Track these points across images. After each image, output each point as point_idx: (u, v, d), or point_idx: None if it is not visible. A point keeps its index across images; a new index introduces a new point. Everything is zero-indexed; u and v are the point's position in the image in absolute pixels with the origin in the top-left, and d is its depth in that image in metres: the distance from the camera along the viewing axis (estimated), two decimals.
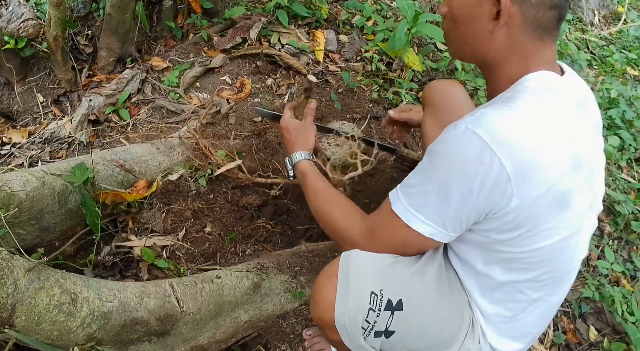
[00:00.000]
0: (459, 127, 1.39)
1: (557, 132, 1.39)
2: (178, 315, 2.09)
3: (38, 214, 2.21)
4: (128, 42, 3.28)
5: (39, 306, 1.75)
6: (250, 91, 3.14)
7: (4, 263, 1.71)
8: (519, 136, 1.34)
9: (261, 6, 3.72)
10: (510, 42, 1.47)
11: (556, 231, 1.47)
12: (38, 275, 1.79)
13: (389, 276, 1.62)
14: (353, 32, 3.75)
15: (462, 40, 1.58)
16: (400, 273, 1.64)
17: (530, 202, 1.38)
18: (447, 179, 1.41)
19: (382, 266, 1.64)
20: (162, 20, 3.46)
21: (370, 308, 1.59)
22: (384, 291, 1.59)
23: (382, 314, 1.59)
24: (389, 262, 1.65)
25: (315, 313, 1.70)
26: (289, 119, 2.21)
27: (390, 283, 1.61)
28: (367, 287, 1.60)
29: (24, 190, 2.14)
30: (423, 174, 1.50)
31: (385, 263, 1.65)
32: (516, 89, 1.45)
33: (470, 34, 1.54)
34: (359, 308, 1.59)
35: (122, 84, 3.07)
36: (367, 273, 1.61)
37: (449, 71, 3.78)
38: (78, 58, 3.33)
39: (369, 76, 3.49)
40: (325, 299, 1.64)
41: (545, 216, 1.43)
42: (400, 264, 1.66)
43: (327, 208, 1.87)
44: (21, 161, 2.79)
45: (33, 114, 3.20)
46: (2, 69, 3.17)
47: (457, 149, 1.38)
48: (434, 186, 1.45)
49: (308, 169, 2.05)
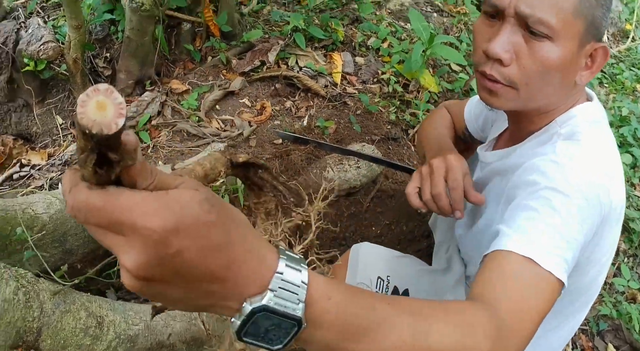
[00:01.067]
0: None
1: (618, 163, 1.38)
2: (204, 338, 2.09)
3: (61, 237, 2.21)
4: (147, 64, 3.29)
5: (65, 329, 1.75)
6: (270, 114, 3.15)
7: (30, 286, 1.72)
8: (605, 175, 1.31)
9: (278, 29, 3.74)
10: (579, 87, 1.43)
11: (607, 259, 1.45)
12: (64, 299, 1.79)
13: (397, 266, 1.63)
14: (369, 54, 3.76)
15: (546, 89, 1.39)
16: (408, 267, 1.63)
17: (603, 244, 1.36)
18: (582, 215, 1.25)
19: (390, 257, 1.64)
20: (181, 43, 3.47)
21: (376, 292, 1.57)
22: (390, 278, 1.59)
23: None
24: (397, 255, 1.64)
25: None
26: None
27: (398, 273, 1.62)
28: (374, 273, 1.60)
29: (47, 213, 2.15)
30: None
31: (394, 255, 1.64)
32: (570, 124, 1.42)
33: (557, 83, 1.38)
34: None
35: (142, 107, 3.08)
36: (375, 260, 1.61)
37: (464, 91, 3.79)
38: (97, 80, 3.34)
39: (386, 98, 3.50)
40: None
41: (608, 247, 1.41)
42: (408, 260, 1.66)
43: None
44: (41, 183, 2.79)
45: (52, 136, 3.21)
46: (21, 91, 3.19)
47: (584, 188, 1.27)
48: (571, 230, 1.23)
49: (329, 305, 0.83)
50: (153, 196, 0.64)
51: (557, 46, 1.30)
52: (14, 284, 1.67)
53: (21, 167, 2.97)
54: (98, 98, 0.61)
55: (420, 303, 0.92)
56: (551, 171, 1.29)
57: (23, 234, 1.89)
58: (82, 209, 0.64)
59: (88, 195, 0.63)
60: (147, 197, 0.64)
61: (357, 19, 4.03)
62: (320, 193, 1.64)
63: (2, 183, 2.90)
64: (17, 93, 3.21)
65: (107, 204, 0.63)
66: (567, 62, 1.33)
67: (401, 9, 4.33)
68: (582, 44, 1.32)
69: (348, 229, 2.81)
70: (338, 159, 2.79)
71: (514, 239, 1.18)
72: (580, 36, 1.31)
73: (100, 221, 0.63)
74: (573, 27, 1.29)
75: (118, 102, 0.62)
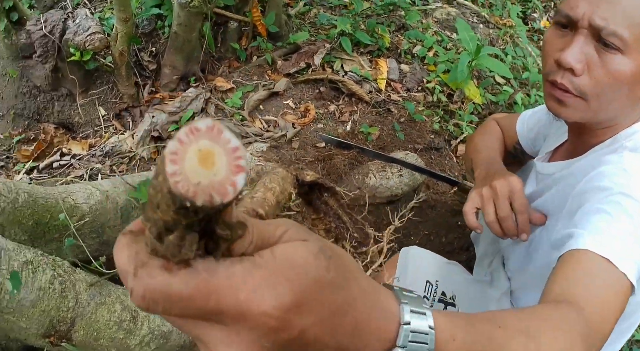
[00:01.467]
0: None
1: None
2: None
3: (99, 228, 2.20)
4: (192, 61, 3.28)
5: (98, 321, 1.73)
6: (314, 117, 3.12)
7: (66, 275, 1.70)
8: None
9: (325, 33, 3.72)
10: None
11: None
12: (100, 290, 1.77)
13: (445, 272, 1.64)
14: (414, 62, 3.72)
15: (615, 103, 1.38)
16: (456, 274, 1.64)
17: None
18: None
19: (439, 262, 1.64)
20: (227, 41, 3.46)
21: (425, 296, 1.61)
22: (439, 282, 1.60)
23: (436, 305, 1.61)
24: (445, 261, 1.65)
25: None
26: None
27: (447, 279, 1.63)
28: (423, 276, 1.60)
29: (87, 203, 2.13)
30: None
31: (442, 261, 1.65)
32: (634, 138, 1.40)
33: (628, 96, 1.36)
34: None
35: (185, 103, 3.07)
36: (424, 264, 1.61)
37: (508, 105, 3.74)
38: (141, 74, 3.34)
39: (429, 107, 3.46)
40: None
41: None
42: (457, 268, 1.66)
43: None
44: (81, 173, 2.79)
45: (94, 127, 3.21)
46: (65, 81, 3.20)
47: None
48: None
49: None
50: (258, 266, 0.50)
51: (628, 59, 1.29)
52: (50, 273, 1.65)
53: (61, 156, 2.98)
54: (200, 145, 0.43)
55: (523, 317, 0.89)
56: (622, 178, 1.28)
57: (64, 221, 1.87)
58: (160, 300, 0.48)
59: (168, 281, 0.48)
60: (250, 269, 0.49)
61: (404, 26, 3.99)
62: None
63: (42, 170, 2.90)
64: (61, 82, 3.22)
65: (198, 291, 0.48)
66: (637, 76, 1.31)
67: (447, 18, 4.29)
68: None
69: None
70: (381, 166, 2.75)
71: (591, 239, 1.17)
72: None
73: (188, 312, 0.49)
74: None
75: (232, 146, 0.43)
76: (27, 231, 1.93)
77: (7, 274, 1.51)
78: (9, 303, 1.54)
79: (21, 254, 1.61)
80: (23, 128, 3.29)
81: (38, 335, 1.66)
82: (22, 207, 1.88)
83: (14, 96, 3.28)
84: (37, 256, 1.65)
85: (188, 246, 0.45)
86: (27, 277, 1.58)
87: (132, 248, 0.50)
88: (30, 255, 1.63)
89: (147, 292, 0.48)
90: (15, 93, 3.27)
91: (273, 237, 0.54)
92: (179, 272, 0.47)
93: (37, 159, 3.00)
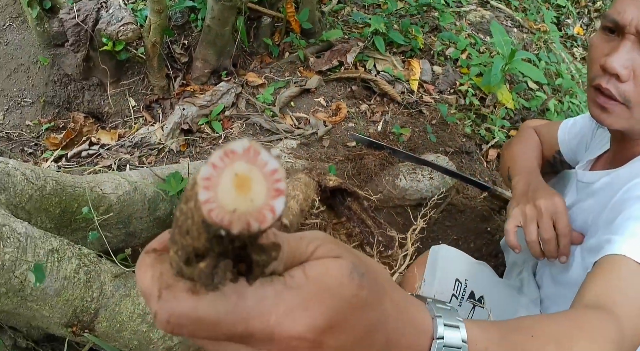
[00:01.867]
0: None
1: None
2: None
3: (126, 219, 2.18)
4: (224, 55, 3.27)
5: (122, 313, 1.71)
6: (345, 115, 3.09)
7: (92, 266, 1.68)
8: None
9: (358, 31, 3.69)
10: None
11: None
12: (125, 282, 1.76)
13: (474, 272, 1.64)
14: (447, 64, 3.69)
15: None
16: (485, 275, 1.64)
17: None
18: None
19: (469, 261, 1.64)
20: (260, 36, 3.44)
21: (454, 294, 1.61)
22: (468, 281, 1.61)
23: (464, 304, 1.61)
24: (474, 261, 1.64)
25: None
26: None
27: (476, 278, 1.63)
28: (452, 274, 1.60)
29: (115, 193, 2.12)
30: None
31: (471, 261, 1.64)
32: None
33: None
34: (442, 293, 1.60)
35: (216, 96, 3.05)
36: (454, 263, 1.61)
37: (541, 111, 3.70)
38: (172, 66, 3.33)
39: (461, 110, 3.43)
40: (413, 281, 1.64)
41: None
42: (486, 268, 1.65)
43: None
44: (109, 163, 2.78)
45: (123, 118, 3.20)
46: (96, 70, 3.19)
47: None
48: None
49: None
50: (289, 287, 0.48)
51: None
52: (76, 262, 1.63)
53: (90, 146, 2.97)
54: (235, 168, 0.39)
55: (556, 325, 0.88)
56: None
57: (89, 214, 1.85)
58: (186, 324, 0.47)
59: (195, 305, 0.46)
60: (282, 291, 0.48)
61: (437, 27, 3.96)
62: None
63: (70, 159, 2.90)
64: (93, 72, 3.21)
65: (227, 316, 0.46)
66: None
67: (481, 21, 4.25)
68: None
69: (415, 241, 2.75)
70: (411, 168, 2.72)
71: (627, 245, 1.15)
72: None
73: (217, 335, 0.47)
74: None
75: (270, 169, 0.40)
76: (53, 219, 1.92)
77: (33, 262, 1.49)
78: (33, 291, 1.53)
79: (47, 242, 1.59)
80: (52, 116, 3.29)
81: (60, 324, 1.64)
82: (49, 195, 1.87)
83: (45, 84, 3.28)
84: (63, 245, 1.64)
85: (221, 275, 0.43)
86: (52, 266, 1.56)
87: (157, 268, 0.49)
88: (56, 243, 1.62)
89: (173, 317, 0.46)
90: (45, 81, 3.28)
91: (304, 253, 0.52)
92: (207, 296, 0.45)
93: (66, 148, 3.00)
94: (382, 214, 2.63)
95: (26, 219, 1.75)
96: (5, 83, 3.33)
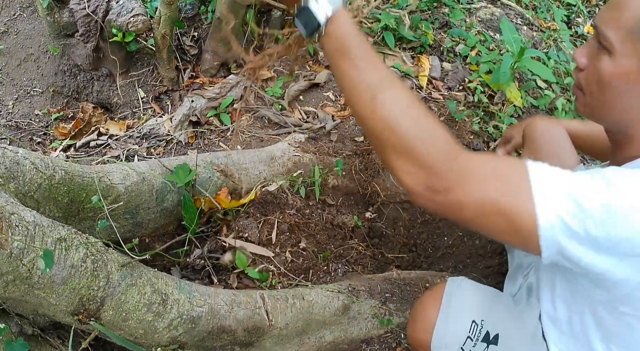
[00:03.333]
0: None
1: None
2: (266, 328, 2.06)
3: (134, 209, 2.20)
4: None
5: (128, 302, 1.73)
6: None
7: (99, 255, 1.70)
8: None
9: (367, 26, 3.69)
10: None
11: None
12: (131, 271, 1.77)
13: (491, 309, 1.62)
14: (456, 61, 3.68)
15: (608, 106, 1.42)
16: (502, 310, 1.63)
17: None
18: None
19: (486, 297, 1.63)
20: (269, 29, 3.44)
21: (469, 337, 1.60)
22: (484, 322, 1.59)
23: (479, 345, 1.59)
24: (492, 296, 1.63)
25: (413, 333, 1.68)
26: None
27: (492, 316, 1.61)
28: (469, 315, 1.59)
29: (123, 184, 2.13)
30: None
31: (490, 296, 1.63)
32: None
33: (619, 101, 1.38)
34: (457, 334, 1.59)
35: (225, 89, 3.06)
36: (472, 301, 1.59)
37: (549, 109, 3.69)
38: (182, 58, 3.34)
39: (470, 107, 3.42)
40: (426, 319, 1.63)
41: None
42: (503, 301, 1.64)
43: (396, 105, 1.27)
44: (117, 154, 2.79)
45: (132, 109, 3.21)
46: (106, 61, 3.20)
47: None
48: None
49: (351, 30, 1.33)
50: None
51: (613, 61, 1.33)
52: (83, 251, 1.64)
53: (98, 136, 2.98)
54: None
55: (420, 102, 1.30)
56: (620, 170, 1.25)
57: (99, 202, 1.86)
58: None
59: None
60: None
61: (447, 23, 3.95)
62: None
63: (79, 148, 2.91)
64: (102, 62, 3.22)
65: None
66: (625, 79, 1.33)
67: (491, 18, 4.24)
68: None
69: (420, 237, 2.76)
70: None
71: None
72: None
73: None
74: (632, 46, 1.30)
75: None
76: (62, 208, 1.93)
77: (41, 250, 1.50)
78: (40, 279, 1.54)
79: (55, 231, 1.60)
80: (62, 106, 3.30)
81: (67, 312, 1.66)
82: (58, 184, 1.88)
83: (54, 74, 3.29)
84: (71, 234, 1.65)
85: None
86: (59, 254, 1.57)
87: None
88: (64, 232, 1.63)
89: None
90: (55, 71, 3.29)
91: None
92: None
93: (74, 138, 3.01)
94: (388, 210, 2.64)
95: (35, 208, 1.76)
96: (15, 72, 3.34)
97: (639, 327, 1.34)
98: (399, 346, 2.36)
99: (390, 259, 2.68)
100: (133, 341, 1.82)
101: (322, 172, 2.61)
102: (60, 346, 1.91)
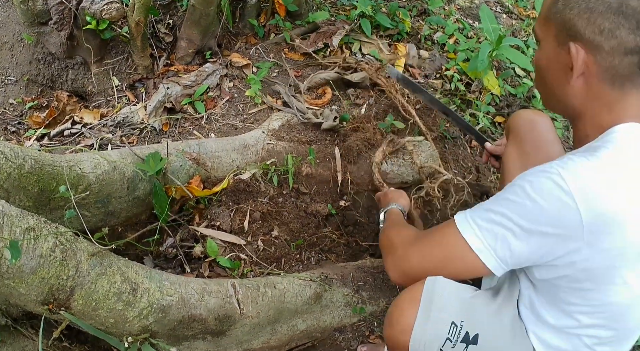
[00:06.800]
0: (547, 170, 1.37)
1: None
2: (237, 317, 2.07)
3: (105, 198, 2.19)
4: (209, 35, 3.25)
5: (98, 292, 1.73)
6: (330, 99, 3.08)
7: (68, 244, 1.69)
8: (601, 187, 1.31)
9: (345, 13, 3.68)
10: (590, 92, 1.46)
11: (627, 288, 1.41)
12: (101, 261, 1.76)
13: (470, 309, 1.62)
14: (434, 49, 3.68)
15: (548, 90, 1.60)
16: (480, 309, 1.63)
17: (604, 256, 1.34)
18: (520, 211, 1.39)
19: (465, 297, 1.63)
20: (245, 17, 3.42)
21: (448, 338, 1.58)
22: (463, 323, 1.58)
23: (458, 346, 1.58)
24: (471, 295, 1.64)
25: (390, 333, 1.67)
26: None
27: (471, 317, 1.60)
28: (448, 317, 1.59)
29: (94, 173, 2.12)
30: (498, 198, 1.46)
31: (468, 296, 1.63)
32: (604, 140, 1.41)
33: (552, 84, 1.55)
34: (436, 336, 1.58)
35: (201, 77, 3.04)
36: (450, 302, 1.59)
37: (527, 98, 3.70)
38: (157, 46, 3.31)
39: (447, 95, 3.42)
40: (404, 321, 1.62)
41: (620, 271, 1.38)
42: (480, 299, 1.65)
43: (393, 231, 1.87)
44: (91, 142, 2.77)
45: (107, 97, 3.19)
46: (80, 49, 3.17)
47: (542, 188, 1.35)
48: (504, 210, 1.42)
49: (397, 214, 2.17)
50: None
51: (540, 48, 1.56)
52: (52, 240, 1.63)
53: (73, 125, 2.95)
54: None
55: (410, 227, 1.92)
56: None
57: (66, 192, 1.85)
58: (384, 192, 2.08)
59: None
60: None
61: (425, 11, 3.96)
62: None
63: (53, 137, 2.88)
64: (76, 50, 3.19)
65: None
66: (550, 61, 1.53)
67: (470, 6, 4.25)
68: (560, 43, 1.47)
69: None
70: (394, 152, 2.73)
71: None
72: (556, 37, 1.48)
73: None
74: (548, 30, 1.51)
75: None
76: (32, 197, 1.92)
77: (9, 240, 1.49)
78: (9, 269, 1.53)
79: (24, 220, 1.59)
80: (36, 94, 3.27)
81: (37, 302, 1.65)
82: (28, 173, 1.86)
83: (29, 62, 3.26)
84: (39, 223, 1.64)
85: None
86: (28, 244, 1.56)
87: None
88: (33, 222, 1.62)
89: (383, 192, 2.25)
90: (29, 59, 3.25)
91: None
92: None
93: (49, 126, 2.98)
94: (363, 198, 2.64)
95: (4, 197, 1.75)
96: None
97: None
98: (372, 334, 2.37)
99: (364, 248, 2.68)
100: (104, 330, 1.81)
101: (295, 160, 2.60)
102: (34, 336, 1.90)
